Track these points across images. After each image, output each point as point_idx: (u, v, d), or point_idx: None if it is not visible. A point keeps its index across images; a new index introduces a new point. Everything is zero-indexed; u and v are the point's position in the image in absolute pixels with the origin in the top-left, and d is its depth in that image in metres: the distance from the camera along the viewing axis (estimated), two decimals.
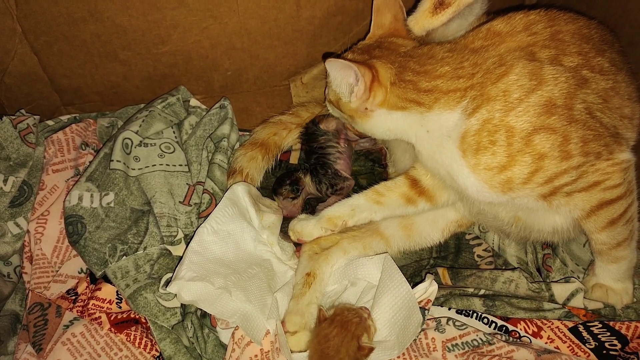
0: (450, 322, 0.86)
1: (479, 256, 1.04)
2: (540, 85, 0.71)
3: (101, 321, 0.86)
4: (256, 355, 0.84)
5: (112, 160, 0.99)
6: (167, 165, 1.04)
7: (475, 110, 0.73)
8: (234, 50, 1.13)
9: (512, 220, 0.86)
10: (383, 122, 0.83)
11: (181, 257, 0.89)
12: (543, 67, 0.72)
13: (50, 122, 1.12)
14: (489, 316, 0.88)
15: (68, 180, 1.04)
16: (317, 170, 1.07)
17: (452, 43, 0.82)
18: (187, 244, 0.91)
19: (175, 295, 0.87)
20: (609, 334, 0.83)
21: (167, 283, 0.86)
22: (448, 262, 1.04)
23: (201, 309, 0.88)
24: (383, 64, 0.80)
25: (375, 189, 0.94)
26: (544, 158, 0.71)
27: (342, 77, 0.81)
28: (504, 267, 1.00)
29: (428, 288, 0.86)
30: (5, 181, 0.96)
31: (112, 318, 0.87)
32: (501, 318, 0.88)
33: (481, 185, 0.74)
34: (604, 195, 0.76)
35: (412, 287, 0.89)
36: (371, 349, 0.79)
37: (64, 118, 1.14)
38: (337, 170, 1.08)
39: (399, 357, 0.82)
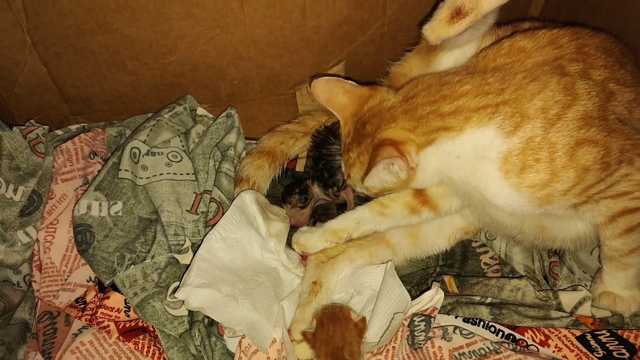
0: (457, 331, 0.86)
1: (485, 264, 1.04)
2: (576, 100, 0.71)
3: (110, 330, 0.87)
4: None
5: (120, 170, 1.00)
6: (174, 174, 1.05)
7: (517, 128, 0.71)
8: (241, 60, 1.14)
9: (537, 230, 0.86)
10: (427, 166, 0.79)
11: (189, 265, 0.89)
12: (575, 82, 0.72)
13: (59, 132, 1.14)
14: (495, 325, 0.88)
15: (77, 189, 1.05)
16: (323, 175, 1.08)
17: (464, 67, 0.82)
18: (195, 253, 0.91)
19: (183, 303, 0.87)
20: (617, 342, 0.83)
21: (175, 291, 0.87)
22: (454, 270, 1.03)
23: (208, 318, 0.89)
24: (389, 130, 0.78)
25: (379, 201, 0.94)
26: (588, 171, 0.70)
27: (382, 176, 0.80)
28: (510, 275, 0.99)
29: (434, 296, 0.86)
30: (15, 191, 0.97)
31: (120, 326, 0.88)
32: (508, 326, 0.87)
33: (521, 202, 0.74)
34: (628, 204, 0.76)
35: (418, 295, 0.89)
36: (364, 319, 0.83)
37: (73, 127, 1.16)
38: (338, 166, 1.08)
39: None
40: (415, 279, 1.02)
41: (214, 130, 1.11)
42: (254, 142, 1.19)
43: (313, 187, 1.09)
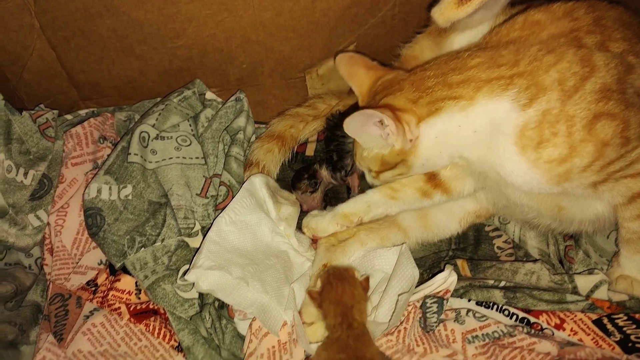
0: (470, 314, 0.84)
1: (499, 248, 1.03)
2: (593, 72, 0.69)
3: (121, 312, 0.87)
4: (273, 347, 0.84)
5: (130, 154, 1.00)
6: (183, 158, 1.04)
7: (532, 100, 0.69)
8: (249, 43, 1.13)
9: (554, 211, 0.84)
10: (433, 141, 0.76)
11: (198, 248, 0.89)
12: (593, 53, 0.70)
13: (68, 117, 1.14)
14: (509, 308, 0.86)
15: (87, 173, 1.05)
16: (332, 158, 1.07)
17: (476, 44, 0.80)
18: (204, 236, 0.91)
19: (193, 285, 0.87)
20: (634, 326, 0.81)
21: (185, 274, 0.86)
22: (467, 254, 1.02)
23: (219, 300, 0.88)
24: (392, 97, 0.77)
25: (390, 185, 0.93)
26: (607, 145, 0.69)
27: (369, 132, 0.77)
28: (524, 259, 0.98)
29: (447, 278, 0.85)
30: (25, 174, 0.97)
31: (131, 309, 0.87)
32: (522, 310, 0.86)
33: (538, 180, 0.72)
34: None
35: (431, 278, 0.88)
36: (367, 278, 0.85)
37: (82, 112, 1.16)
38: (347, 149, 1.07)
39: (418, 345, 0.81)
40: (428, 262, 1.01)
41: (223, 114, 1.10)
42: (264, 126, 1.18)
43: (321, 171, 1.08)
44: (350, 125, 0.77)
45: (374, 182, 0.89)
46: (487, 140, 0.74)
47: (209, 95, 1.16)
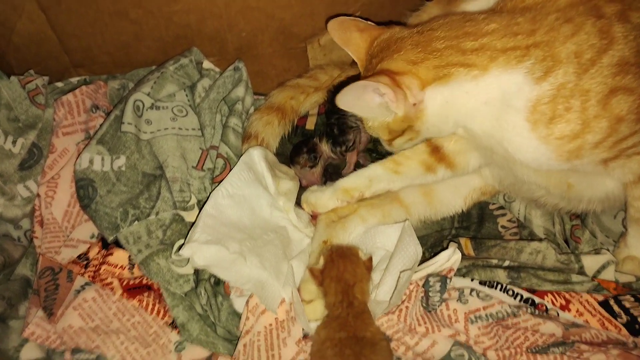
0: (474, 293, 0.82)
1: (503, 227, 1.00)
2: (612, 44, 0.65)
3: (113, 287, 0.84)
4: (270, 324, 0.81)
5: (123, 123, 0.96)
6: (179, 129, 1.00)
7: (547, 73, 0.65)
8: (249, 10, 1.08)
9: (563, 188, 0.81)
10: (440, 107, 0.72)
11: (194, 222, 0.86)
12: (612, 24, 0.66)
13: (59, 84, 1.09)
14: (514, 288, 0.84)
15: (78, 143, 1.01)
16: (333, 132, 1.03)
17: (490, 9, 0.76)
18: (200, 210, 0.87)
19: (188, 261, 0.84)
20: None
21: (180, 248, 0.83)
22: (471, 232, 0.99)
23: (215, 277, 0.86)
24: (389, 60, 0.72)
25: (392, 158, 0.89)
26: (621, 121, 0.65)
27: (367, 103, 0.72)
28: (529, 238, 0.95)
29: (451, 256, 0.83)
30: (14, 142, 0.93)
31: (124, 284, 0.85)
32: (527, 290, 0.84)
33: (548, 156, 0.69)
34: None
35: (434, 256, 0.85)
36: (371, 258, 0.83)
37: (74, 80, 1.11)
38: (350, 125, 1.03)
39: (420, 325, 0.79)
40: (430, 241, 0.98)
41: (221, 84, 1.06)
42: (263, 97, 1.14)
43: (321, 145, 1.04)
44: (344, 101, 0.72)
45: (390, 149, 0.84)
46: (496, 114, 0.70)
47: (207, 64, 1.11)
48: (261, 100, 1.13)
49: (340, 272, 0.78)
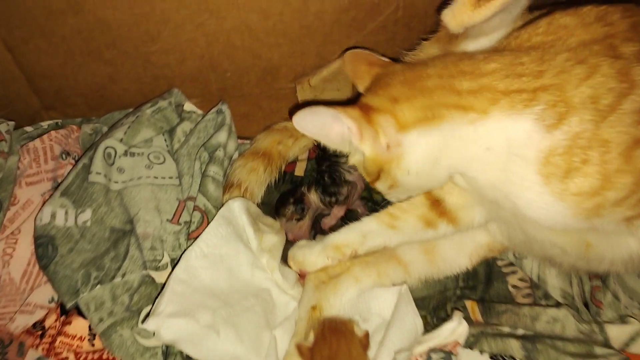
0: None
1: (514, 287, 0.89)
2: (633, 88, 0.57)
3: None
4: None
5: (91, 172, 0.87)
6: (155, 177, 0.91)
7: (560, 120, 0.57)
8: (234, 49, 1.00)
9: (580, 248, 0.71)
10: (425, 152, 0.64)
11: (163, 287, 0.76)
12: (632, 66, 0.58)
13: (29, 129, 1.01)
14: None
15: (44, 193, 0.92)
16: (324, 179, 0.94)
17: (492, 48, 0.68)
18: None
19: (154, 333, 0.73)
20: None
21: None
22: (477, 294, 0.89)
23: None
24: (371, 95, 0.67)
25: (388, 212, 0.81)
26: None
27: (326, 132, 0.66)
28: (544, 302, 0.85)
29: (456, 328, 0.72)
30: None
31: (81, 358, 0.74)
32: None
33: (564, 214, 0.60)
34: None
35: (435, 323, 0.75)
36: (367, 334, 0.73)
37: (45, 124, 1.03)
38: (344, 178, 0.94)
39: None
40: (432, 303, 0.88)
41: (202, 127, 0.98)
42: (248, 141, 1.05)
43: (310, 194, 0.95)
44: (300, 123, 0.66)
45: (384, 194, 0.78)
46: (501, 163, 0.62)
47: (188, 106, 1.03)
48: (246, 145, 1.04)
49: (333, 351, 0.68)
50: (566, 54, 0.60)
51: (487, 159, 0.62)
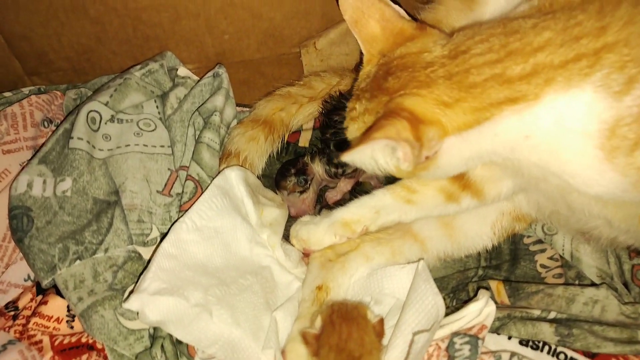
0: (515, 359, 0.62)
1: (543, 266, 0.80)
2: None
3: (42, 346, 0.65)
4: None
5: (72, 138, 0.78)
6: (144, 145, 0.83)
7: (631, 83, 0.48)
8: (232, 7, 0.91)
9: (632, 221, 0.61)
10: (457, 154, 0.57)
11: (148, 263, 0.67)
12: None
13: (8, 94, 0.93)
14: (565, 350, 0.64)
15: (23, 162, 0.84)
16: (329, 148, 0.85)
17: (534, 7, 0.58)
18: None
19: (138, 313, 0.65)
20: None
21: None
22: (502, 273, 0.80)
23: None
24: (415, 97, 0.55)
25: (405, 184, 0.71)
26: None
27: (376, 158, 0.57)
28: (578, 282, 0.76)
29: (483, 309, 0.63)
30: None
31: (56, 343, 0.66)
32: (583, 353, 0.64)
33: (624, 188, 0.51)
34: None
35: (455, 306, 0.66)
36: (382, 320, 0.63)
37: (26, 90, 0.94)
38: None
39: None
40: (452, 283, 0.79)
41: (198, 92, 0.89)
42: (248, 109, 0.96)
43: (313, 165, 0.86)
44: (353, 158, 0.57)
45: None
46: (548, 145, 0.53)
47: (183, 71, 0.94)
48: (246, 113, 0.95)
49: (343, 339, 0.59)
50: None
51: (528, 145, 0.53)
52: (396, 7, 0.64)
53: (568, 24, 0.51)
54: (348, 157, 0.56)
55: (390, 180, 0.76)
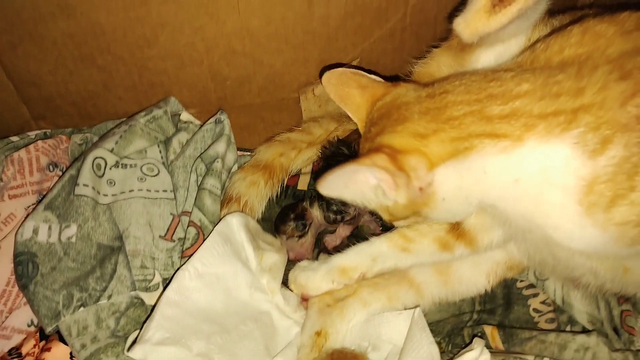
0: None
1: (536, 310, 0.82)
2: None
3: None
4: None
5: (78, 185, 0.80)
6: (147, 190, 0.85)
7: (605, 145, 0.50)
8: (234, 55, 0.95)
9: (616, 273, 0.64)
10: (454, 188, 0.58)
11: (152, 310, 0.69)
12: None
13: (14, 139, 0.95)
14: None
15: (29, 207, 0.86)
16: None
17: (516, 63, 0.61)
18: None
19: None
20: None
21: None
22: (496, 318, 0.82)
23: None
24: (391, 133, 0.59)
25: (402, 233, 0.74)
26: None
27: (359, 189, 0.59)
28: (569, 329, 0.78)
29: (478, 358, 0.65)
30: None
31: None
32: None
33: (605, 242, 0.53)
34: None
35: (456, 354, 0.68)
36: None
37: (32, 134, 0.97)
38: None
39: None
40: (447, 328, 0.81)
41: (200, 138, 0.92)
42: (249, 154, 0.99)
43: (312, 210, 0.88)
44: (328, 188, 0.58)
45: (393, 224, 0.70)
46: (534, 194, 0.55)
47: (185, 116, 0.98)
48: (247, 157, 0.98)
49: None
50: (607, 66, 0.53)
51: (516, 191, 0.56)
52: (371, 75, 0.69)
53: (548, 81, 0.54)
54: (322, 188, 0.57)
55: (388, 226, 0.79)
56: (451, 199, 0.59)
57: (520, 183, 0.55)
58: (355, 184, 0.58)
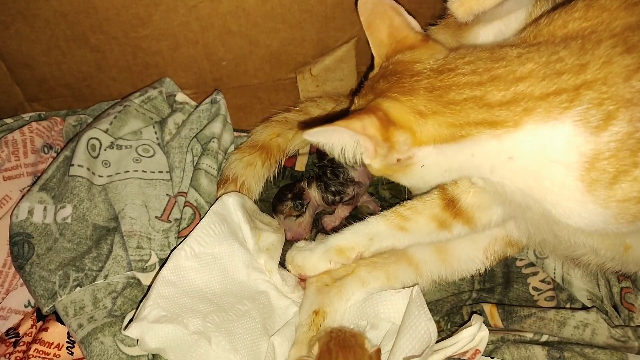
0: None
1: (535, 289, 0.82)
2: None
3: None
4: None
5: (73, 165, 0.80)
6: (143, 171, 0.84)
7: (609, 120, 0.50)
8: (230, 35, 0.94)
9: (617, 251, 0.64)
10: (435, 164, 0.60)
11: (148, 290, 0.68)
12: None
13: (9, 120, 0.94)
14: None
15: (24, 189, 0.85)
16: (326, 175, 0.87)
17: (521, 38, 0.61)
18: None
19: (138, 340, 0.66)
20: None
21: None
22: (495, 296, 0.81)
23: None
24: (392, 100, 0.59)
25: (398, 212, 0.74)
26: None
27: (340, 145, 0.59)
28: (570, 305, 0.77)
29: (476, 334, 0.64)
30: None
31: None
32: None
33: (606, 220, 0.53)
34: None
35: (450, 329, 0.68)
36: (379, 350, 0.63)
37: (26, 116, 0.96)
38: (349, 175, 0.87)
39: None
40: (446, 306, 0.80)
41: (195, 118, 0.91)
42: (245, 134, 0.98)
43: (310, 190, 0.88)
44: (314, 136, 0.59)
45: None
46: (533, 170, 0.55)
47: (180, 97, 0.96)
48: (243, 138, 0.97)
49: None
50: (611, 40, 0.52)
51: (513, 167, 0.56)
52: (409, 17, 0.67)
53: (550, 59, 0.54)
54: (309, 136, 0.58)
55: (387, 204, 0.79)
56: (427, 171, 0.60)
57: (515, 160, 0.55)
58: (339, 140, 0.58)
